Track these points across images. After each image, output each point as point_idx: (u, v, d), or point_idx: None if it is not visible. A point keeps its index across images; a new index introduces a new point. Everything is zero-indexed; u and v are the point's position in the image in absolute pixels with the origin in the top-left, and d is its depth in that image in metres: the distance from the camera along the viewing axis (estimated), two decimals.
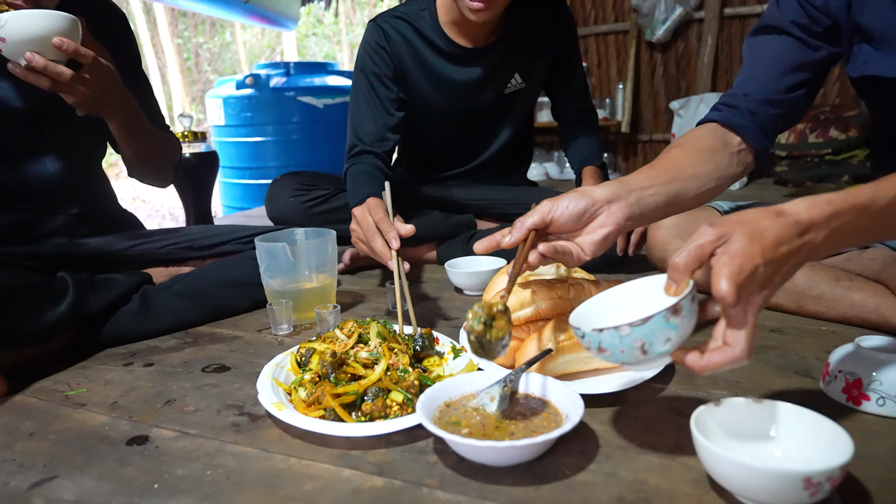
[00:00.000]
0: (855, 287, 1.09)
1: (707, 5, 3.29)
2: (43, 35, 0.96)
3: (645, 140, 3.67)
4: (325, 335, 0.96)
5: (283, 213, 1.52)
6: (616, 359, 0.65)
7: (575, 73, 1.61)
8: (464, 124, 1.58)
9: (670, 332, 0.62)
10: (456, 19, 1.43)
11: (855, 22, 0.96)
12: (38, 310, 1.01)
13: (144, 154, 1.30)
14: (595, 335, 0.64)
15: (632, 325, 0.62)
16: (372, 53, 1.45)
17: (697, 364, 0.62)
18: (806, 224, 0.64)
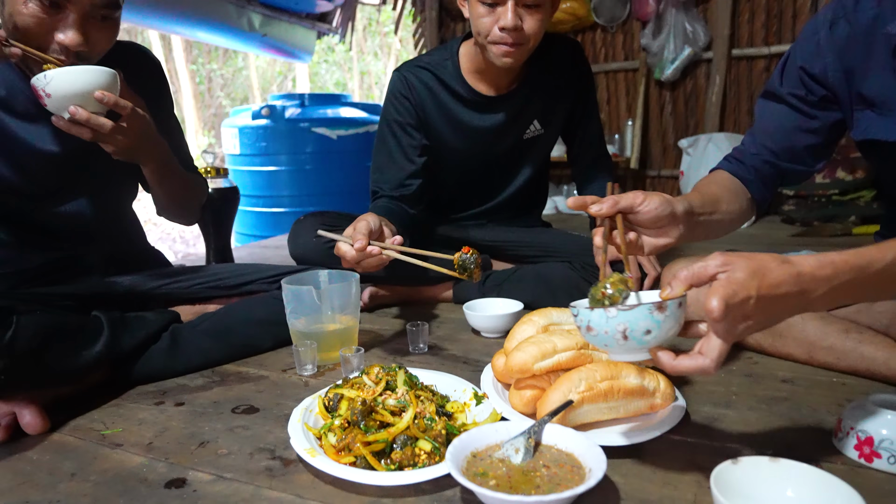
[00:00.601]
0: (865, 340, 1.12)
1: (715, 46, 3.36)
2: (85, 90, 1.01)
3: (654, 175, 3.72)
4: (351, 380, 0.99)
5: (306, 252, 1.57)
6: (600, 340, 0.72)
7: (591, 122, 1.67)
8: (483, 167, 1.63)
9: (652, 325, 0.69)
10: (480, 68, 1.49)
11: (858, 91, 1.03)
12: (77, 349, 1.06)
13: (174, 196, 1.35)
14: (587, 313, 0.72)
15: (619, 308, 0.69)
16: (395, 103, 1.51)
17: (668, 363, 0.70)
18: (807, 277, 0.70)
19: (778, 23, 3.27)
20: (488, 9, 1.33)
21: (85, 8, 1.02)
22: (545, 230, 1.77)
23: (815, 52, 1.08)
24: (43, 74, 0.99)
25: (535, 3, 1.32)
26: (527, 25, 1.33)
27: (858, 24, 1.01)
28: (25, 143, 1.17)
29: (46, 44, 1.02)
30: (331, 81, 11.83)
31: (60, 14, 1.01)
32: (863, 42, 1.01)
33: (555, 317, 1.07)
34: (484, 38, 1.36)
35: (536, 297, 1.55)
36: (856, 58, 1.02)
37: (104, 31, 1.07)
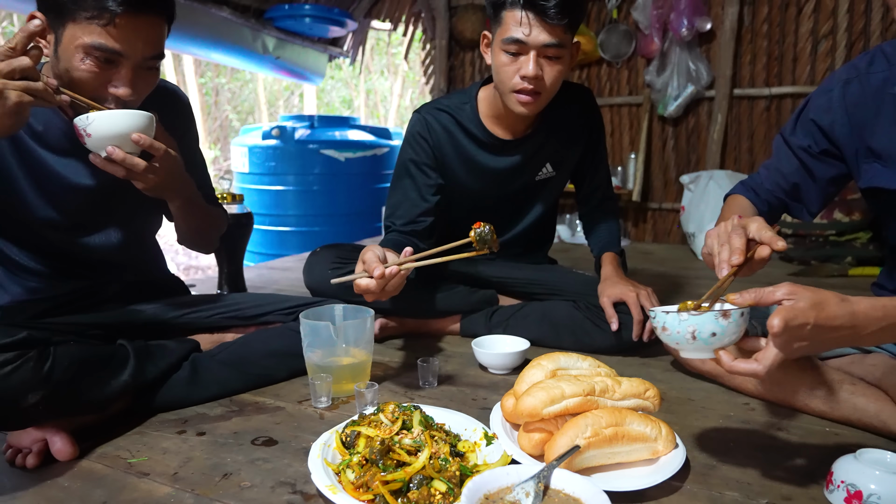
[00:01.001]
0: (858, 392, 1.17)
1: (717, 86, 3.45)
2: (123, 132, 1.07)
3: (655, 208, 3.79)
4: (368, 417, 1.04)
5: (321, 284, 1.62)
6: (672, 338, 0.87)
7: (600, 165, 1.74)
8: (495, 206, 1.69)
9: (717, 329, 0.83)
10: (497, 113, 1.56)
11: (867, 145, 1.12)
12: (106, 379, 1.10)
13: (197, 228, 1.41)
14: (662, 315, 0.88)
15: (690, 313, 0.85)
16: (413, 143, 1.58)
17: (728, 363, 0.84)
18: (860, 316, 0.83)
19: (779, 65, 3.36)
20: (511, 58, 1.39)
21: (137, 62, 1.08)
22: (552, 268, 1.83)
23: (826, 106, 1.19)
24: (86, 116, 1.05)
25: (556, 54, 1.38)
26: (546, 75, 1.40)
27: (869, 84, 1.12)
28: (59, 177, 1.22)
29: (99, 94, 1.09)
30: (337, 99, 11.95)
31: (113, 68, 1.07)
32: (872, 101, 1.11)
33: (562, 361, 1.12)
34: (505, 85, 1.43)
35: (541, 334, 1.60)
36: (866, 115, 1.12)
37: (149, 79, 1.14)
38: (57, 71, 1.10)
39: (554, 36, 1.35)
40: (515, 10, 1.35)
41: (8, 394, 0.93)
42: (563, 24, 1.35)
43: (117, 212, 1.32)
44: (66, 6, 1.03)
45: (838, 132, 1.17)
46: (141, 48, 1.08)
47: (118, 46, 1.05)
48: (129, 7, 1.03)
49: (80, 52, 1.04)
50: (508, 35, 1.37)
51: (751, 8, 3.36)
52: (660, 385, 1.33)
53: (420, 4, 4.25)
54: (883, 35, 3.12)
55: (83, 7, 1.02)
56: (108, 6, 1.02)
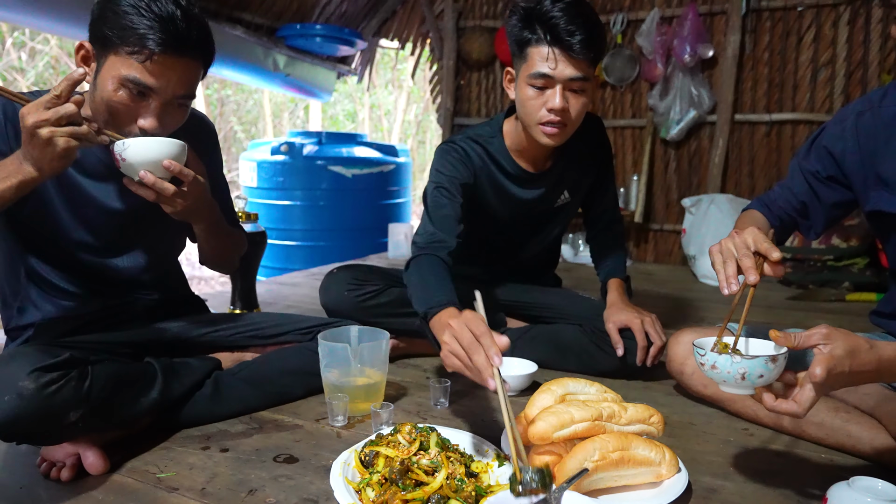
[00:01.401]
0: (852, 420, 1.23)
1: (719, 111, 3.53)
2: (156, 159, 1.13)
3: (656, 229, 3.86)
4: (386, 438, 1.09)
5: (337, 304, 1.67)
6: (719, 376, 0.95)
7: (608, 190, 1.81)
8: (513, 230, 1.75)
9: (765, 371, 0.92)
10: (521, 146, 1.60)
11: (876, 172, 1.20)
12: (136, 396, 1.16)
13: (220, 250, 1.46)
14: (713, 356, 0.95)
15: (743, 357, 0.92)
16: (455, 164, 1.56)
17: (769, 403, 0.92)
18: (885, 363, 0.92)
19: (779, 92, 3.45)
20: (538, 92, 1.44)
21: (167, 99, 1.15)
22: (559, 292, 1.89)
23: (839, 135, 1.26)
24: (122, 142, 1.12)
25: (581, 87, 1.44)
26: (572, 108, 1.45)
27: (881, 116, 1.20)
28: (93, 200, 1.28)
29: (129, 125, 1.15)
30: (341, 112, 12.05)
31: (144, 102, 1.14)
32: (884, 131, 1.19)
33: (571, 387, 1.18)
34: (531, 118, 1.47)
35: (548, 357, 1.66)
36: (877, 144, 1.20)
37: (177, 115, 1.20)
38: (93, 97, 1.17)
39: (579, 70, 1.41)
40: (542, 47, 1.41)
41: (52, 411, 0.99)
42: (588, 59, 1.41)
43: (146, 234, 1.38)
44: (111, 39, 1.10)
45: (849, 160, 1.25)
46: (173, 87, 1.14)
47: (151, 82, 1.11)
48: (168, 48, 1.09)
49: (115, 82, 1.11)
50: (535, 70, 1.42)
51: (752, 36, 3.45)
52: (662, 409, 1.38)
53: (428, 25, 4.34)
54: (881, 65, 3.20)
55: (126, 42, 1.08)
56: (148, 44, 1.08)
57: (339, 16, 4.39)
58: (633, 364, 1.56)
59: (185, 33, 1.11)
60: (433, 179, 1.56)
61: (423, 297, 1.29)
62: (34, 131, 0.98)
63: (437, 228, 1.46)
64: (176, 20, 1.10)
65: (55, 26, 3.11)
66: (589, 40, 1.38)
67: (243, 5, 3.79)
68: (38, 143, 0.99)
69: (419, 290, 1.32)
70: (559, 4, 1.39)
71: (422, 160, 11.41)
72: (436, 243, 1.44)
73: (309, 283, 2.97)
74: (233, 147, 10.72)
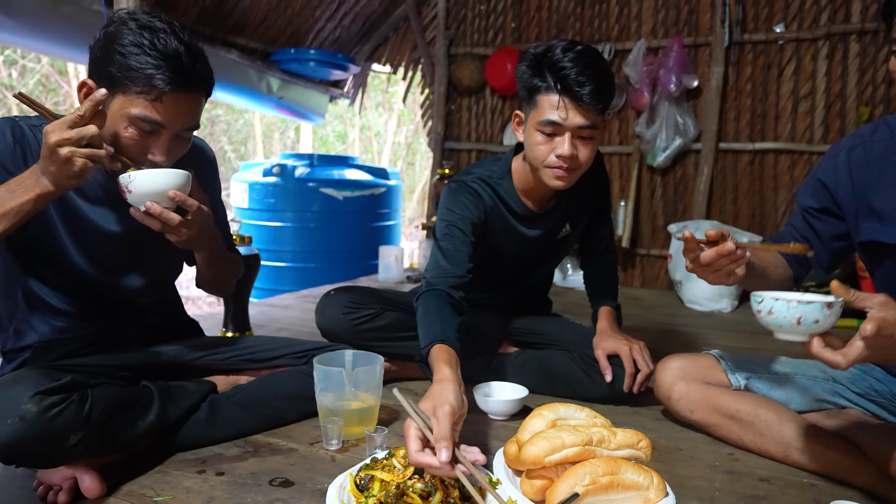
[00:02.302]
0: (833, 445, 1.27)
1: (704, 139, 3.62)
2: (161, 190, 1.16)
3: (643, 254, 3.92)
4: (381, 462, 1.11)
5: (333, 327, 1.70)
6: (776, 321, 0.99)
7: (605, 222, 1.85)
8: (516, 263, 1.78)
9: (820, 317, 0.96)
10: (528, 186, 1.62)
11: (868, 204, 1.25)
12: (134, 419, 1.18)
13: (218, 276, 1.49)
14: (771, 301, 0.99)
15: (799, 301, 0.97)
16: (469, 204, 1.57)
17: (815, 349, 0.96)
18: None
19: (762, 122, 3.54)
20: (547, 138, 1.46)
21: (175, 132, 1.19)
22: (551, 319, 1.92)
23: (833, 168, 1.32)
24: (128, 174, 1.15)
25: (590, 135, 1.46)
26: (581, 154, 1.47)
27: (872, 150, 1.26)
28: (92, 224, 1.31)
29: (137, 159, 1.19)
30: (332, 133, 12.12)
31: (153, 137, 1.17)
32: (875, 165, 1.25)
33: (562, 412, 1.21)
34: (540, 162, 1.49)
35: (538, 383, 1.69)
36: (869, 177, 1.26)
37: (183, 145, 1.25)
38: (101, 132, 1.19)
39: (588, 119, 1.43)
40: (552, 95, 1.42)
41: (53, 435, 1.00)
42: (598, 109, 1.43)
43: (144, 258, 1.40)
44: (117, 79, 1.13)
45: (842, 192, 1.31)
46: (181, 121, 1.18)
47: (161, 119, 1.15)
48: (176, 86, 1.13)
49: (125, 120, 1.14)
50: (545, 117, 1.44)
51: (735, 68, 3.55)
52: (650, 434, 1.41)
53: (420, 51, 4.42)
54: (859, 98, 3.31)
55: (135, 83, 1.12)
56: (157, 84, 1.12)
57: (332, 41, 4.46)
58: (621, 390, 1.59)
59: (191, 69, 1.15)
60: (445, 218, 1.56)
61: (423, 332, 1.32)
62: (55, 149, 1.01)
63: (449, 264, 1.47)
64: (181, 57, 1.13)
65: (46, 47, 3.14)
66: (599, 91, 1.40)
67: (238, 30, 3.84)
68: (58, 160, 1.02)
69: (422, 325, 1.35)
70: (570, 54, 1.41)
71: (411, 182, 11.48)
72: (447, 279, 1.45)
73: (300, 306, 2.99)
74: (223, 167, 10.74)
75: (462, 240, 1.52)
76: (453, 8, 4.30)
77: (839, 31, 3.30)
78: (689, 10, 3.66)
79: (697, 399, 1.44)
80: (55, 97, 8.47)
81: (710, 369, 1.48)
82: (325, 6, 4.16)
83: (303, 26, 4.21)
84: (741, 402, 1.39)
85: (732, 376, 1.45)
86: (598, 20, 3.90)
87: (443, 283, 1.43)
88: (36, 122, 1.25)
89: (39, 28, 2.86)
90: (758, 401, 1.39)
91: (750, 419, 1.36)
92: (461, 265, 1.48)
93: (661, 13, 3.73)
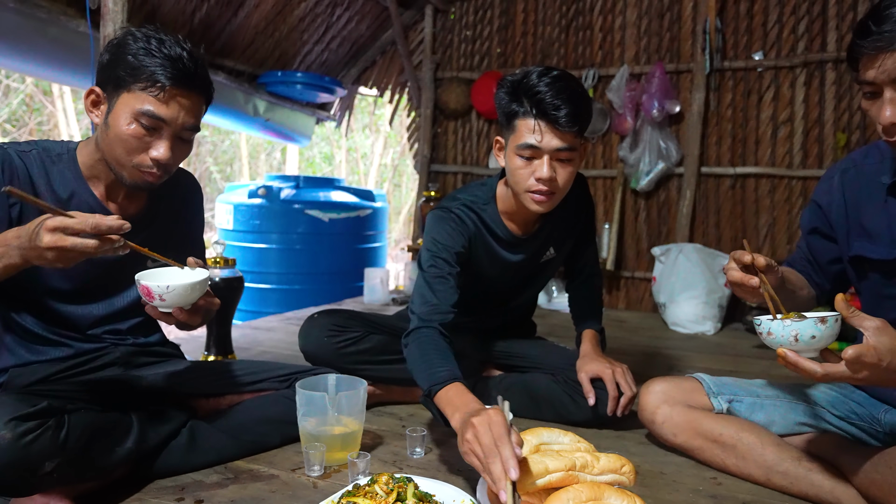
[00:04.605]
0: (815, 469, 1.27)
1: (686, 163, 3.67)
2: (193, 300, 1.19)
3: (627, 276, 3.95)
4: (363, 489, 1.10)
5: (316, 350, 1.68)
6: (777, 341, 1.03)
7: (589, 245, 1.86)
8: (500, 288, 1.78)
9: (815, 332, 1.00)
10: (511, 210, 1.63)
11: (858, 222, 1.30)
12: (112, 446, 1.15)
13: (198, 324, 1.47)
14: (768, 322, 1.04)
15: (792, 320, 1.01)
16: (453, 232, 1.57)
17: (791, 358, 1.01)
18: None
19: (742, 147, 3.61)
20: (526, 161, 1.48)
21: (176, 130, 1.22)
22: (535, 343, 1.92)
23: (827, 189, 1.38)
24: (167, 286, 1.14)
25: (568, 157, 1.48)
26: (560, 176, 1.48)
27: (864, 172, 1.31)
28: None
29: (141, 159, 1.21)
30: (318, 154, 12.14)
31: (155, 135, 1.20)
32: (866, 187, 1.30)
33: (545, 437, 1.21)
34: (520, 185, 1.50)
35: (522, 406, 1.68)
36: (860, 197, 1.31)
37: (184, 148, 1.27)
38: (105, 136, 1.22)
39: (565, 141, 1.45)
40: (528, 119, 1.44)
41: (28, 462, 0.98)
42: (574, 131, 1.45)
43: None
44: (124, 79, 1.18)
45: (835, 212, 1.36)
46: (183, 118, 1.21)
47: (164, 113, 1.19)
48: (177, 83, 1.19)
49: (129, 117, 1.18)
50: (523, 141, 1.46)
51: (716, 94, 3.62)
52: (633, 458, 1.41)
53: (407, 75, 4.46)
54: (836, 124, 3.38)
55: (139, 79, 1.17)
56: (161, 80, 1.17)
57: (320, 64, 4.50)
58: (604, 414, 1.59)
59: (192, 71, 1.21)
60: (429, 248, 1.56)
61: (426, 371, 1.32)
62: (45, 251, 0.97)
63: (437, 299, 1.47)
64: (183, 59, 1.20)
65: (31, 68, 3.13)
66: (575, 114, 1.42)
67: (226, 52, 3.86)
68: (40, 252, 0.98)
69: (421, 363, 1.35)
70: (545, 79, 1.44)
71: (398, 204, 11.51)
72: (436, 315, 1.45)
73: (284, 328, 2.97)
74: (208, 188, 10.70)
75: (448, 271, 1.52)
76: (440, 33, 4.36)
77: (816, 59, 3.39)
78: (670, 37, 3.75)
79: (681, 423, 1.45)
80: (39, 117, 8.43)
81: (693, 392, 1.49)
82: (312, 30, 4.20)
83: (290, 49, 4.24)
84: (724, 426, 1.40)
85: (715, 400, 1.46)
86: (583, 46, 3.97)
87: (433, 320, 1.44)
88: (25, 148, 1.25)
89: (25, 49, 2.85)
90: (740, 424, 1.40)
91: (732, 442, 1.37)
92: (448, 299, 1.48)
93: (643, 40, 3.81)
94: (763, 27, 3.52)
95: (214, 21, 3.59)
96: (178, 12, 3.36)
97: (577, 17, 3.97)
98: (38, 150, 1.27)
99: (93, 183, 1.30)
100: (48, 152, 1.27)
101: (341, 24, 4.28)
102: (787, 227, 3.51)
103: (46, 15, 2.77)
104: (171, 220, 1.44)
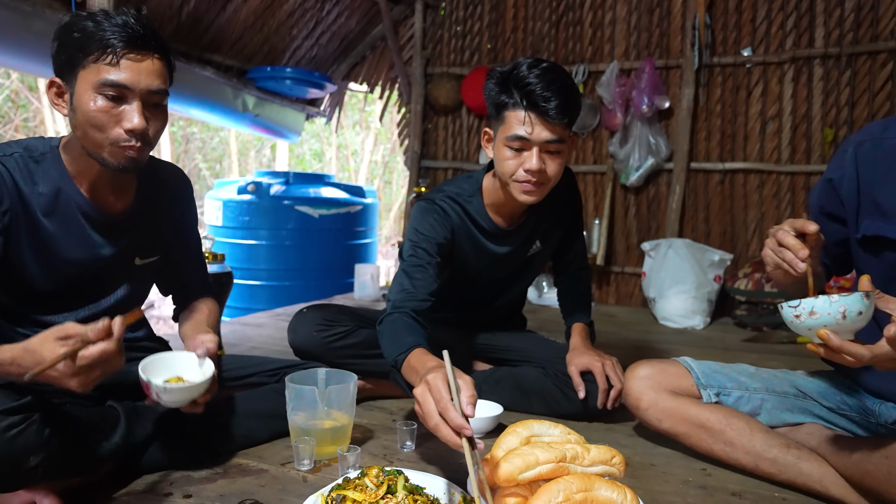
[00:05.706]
0: (803, 457, 1.28)
1: (676, 159, 3.69)
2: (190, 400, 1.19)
3: (618, 272, 3.96)
4: (353, 482, 1.10)
5: (305, 344, 1.67)
6: (821, 321, 0.98)
7: (577, 239, 1.87)
8: (488, 281, 1.78)
9: (863, 307, 0.97)
10: (498, 202, 1.63)
11: (874, 200, 1.23)
12: (98, 440, 1.14)
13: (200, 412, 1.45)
14: (811, 301, 0.99)
15: (840, 295, 0.97)
16: (435, 224, 1.58)
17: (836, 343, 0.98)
18: None
19: (731, 143, 3.63)
20: (515, 153, 1.48)
21: (143, 95, 1.18)
22: (524, 335, 1.92)
23: (840, 164, 1.31)
24: (164, 386, 1.15)
25: (557, 149, 1.48)
26: (549, 168, 1.49)
27: (883, 147, 1.23)
28: (59, 249, 1.25)
29: (116, 134, 1.17)
30: (308, 151, 12.09)
31: (123, 106, 1.16)
32: (883, 161, 1.22)
33: (536, 429, 1.21)
34: (509, 177, 1.50)
35: (513, 400, 1.68)
36: (875, 173, 1.23)
37: (158, 117, 1.23)
38: (74, 121, 1.19)
39: (555, 133, 1.45)
40: (518, 111, 1.45)
41: (12, 457, 0.97)
42: (563, 123, 1.45)
43: (110, 283, 1.37)
44: (76, 57, 1.15)
45: (846, 187, 1.29)
46: (145, 80, 1.17)
47: (123, 78, 1.15)
48: (129, 44, 1.15)
49: (91, 91, 1.15)
50: (512, 133, 1.46)
51: (705, 89, 3.64)
52: (623, 450, 1.41)
53: (397, 71, 4.45)
54: (823, 119, 3.41)
55: (91, 52, 1.14)
56: (112, 44, 1.14)
57: (309, 59, 4.47)
58: (594, 407, 1.59)
59: (143, 33, 1.17)
60: (411, 238, 1.57)
61: (393, 346, 1.33)
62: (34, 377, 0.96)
63: (413, 287, 1.48)
64: (131, 25, 1.16)
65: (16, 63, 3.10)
66: (564, 105, 1.43)
67: (214, 47, 3.83)
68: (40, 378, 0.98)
69: (390, 340, 1.36)
70: (535, 70, 1.44)
71: (388, 200, 11.49)
72: (410, 302, 1.45)
73: (273, 324, 2.95)
74: (197, 185, 10.63)
75: (427, 261, 1.52)
76: (430, 28, 4.35)
77: (804, 55, 3.41)
78: (660, 33, 3.75)
79: (666, 409, 1.44)
80: (25, 113, 8.34)
81: (679, 378, 1.48)
82: (302, 25, 4.17)
83: (279, 44, 4.22)
84: (711, 412, 1.40)
85: (704, 391, 1.45)
86: (573, 42, 3.97)
87: (406, 307, 1.44)
88: (6, 152, 1.22)
89: (10, 43, 2.82)
90: (728, 411, 1.40)
91: (720, 427, 1.37)
92: (426, 287, 1.49)
93: (633, 36, 3.82)
94: (752, 23, 3.54)
95: (202, 15, 3.56)
96: (166, 6, 3.32)
97: (567, 13, 3.97)
98: (19, 152, 1.23)
99: (78, 180, 1.26)
100: (31, 151, 1.24)
101: (331, 18, 4.25)
102: (776, 221, 3.53)
103: (31, 8, 2.74)
104: (161, 217, 1.41)
